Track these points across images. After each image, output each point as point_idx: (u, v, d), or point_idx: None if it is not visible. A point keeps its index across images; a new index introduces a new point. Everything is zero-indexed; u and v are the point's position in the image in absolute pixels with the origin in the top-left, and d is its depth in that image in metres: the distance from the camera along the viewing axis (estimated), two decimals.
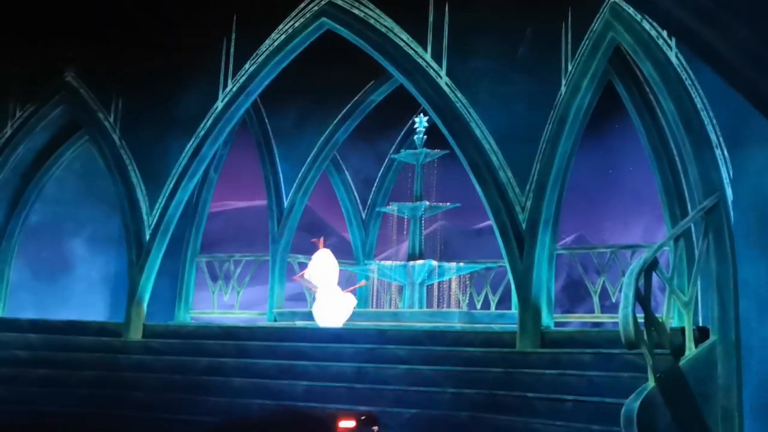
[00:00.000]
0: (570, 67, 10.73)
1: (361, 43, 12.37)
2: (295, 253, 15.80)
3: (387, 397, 10.69)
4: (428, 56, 11.85)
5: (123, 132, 13.74)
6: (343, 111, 15.24)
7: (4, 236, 14.78)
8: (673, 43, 8.95)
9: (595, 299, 12.46)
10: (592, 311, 12.69)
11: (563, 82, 10.77)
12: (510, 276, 11.02)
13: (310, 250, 18.09)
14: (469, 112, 11.43)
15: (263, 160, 15.52)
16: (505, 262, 11.09)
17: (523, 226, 10.90)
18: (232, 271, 15.59)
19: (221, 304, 15.65)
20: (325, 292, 12.86)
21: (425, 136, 15.17)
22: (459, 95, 11.55)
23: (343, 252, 17.57)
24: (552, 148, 10.74)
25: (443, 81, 11.68)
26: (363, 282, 14.20)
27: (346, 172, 16.58)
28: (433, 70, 11.78)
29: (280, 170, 15.40)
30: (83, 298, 15.54)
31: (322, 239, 13.52)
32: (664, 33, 8.96)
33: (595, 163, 17.00)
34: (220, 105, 13.24)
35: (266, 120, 15.49)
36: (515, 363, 10.44)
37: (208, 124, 13.24)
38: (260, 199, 16.35)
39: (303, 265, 15.76)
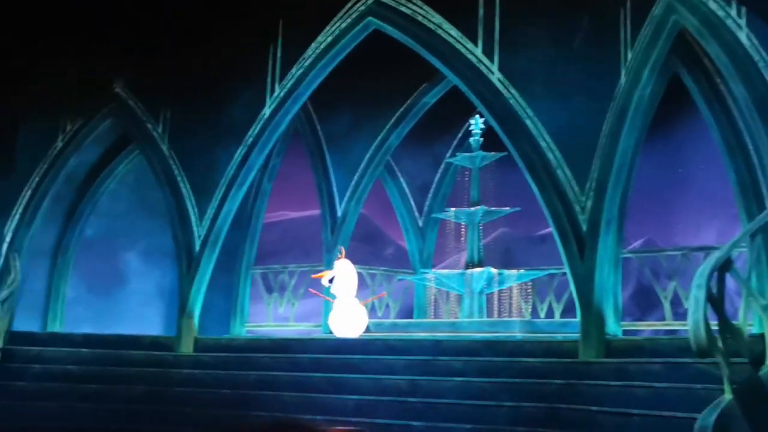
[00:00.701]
0: (630, 56, 10.01)
1: (409, 42, 11.88)
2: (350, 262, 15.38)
3: (441, 412, 10.10)
4: (479, 51, 11.28)
5: (172, 142, 13.54)
6: (396, 115, 14.81)
7: (60, 251, 14.74)
8: (743, 21, 8.19)
9: (666, 305, 11.71)
10: (663, 319, 11.93)
11: (622, 72, 10.07)
12: (570, 281, 10.31)
13: (368, 260, 17.70)
14: (523, 109, 10.80)
15: (316, 169, 15.19)
16: (565, 266, 10.38)
17: (584, 227, 10.21)
18: (287, 283, 15.28)
19: (277, 317, 15.35)
20: (342, 303, 12.60)
21: (482, 138, 14.57)
22: (512, 91, 10.93)
23: (401, 261, 17.10)
24: (612, 144, 10.04)
25: (495, 77, 11.09)
26: (383, 293, 13.60)
27: (401, 178, 16.10)
28: (485, 66, 11.20)
29: (333, 178, 15.04)
30: (139, 311, 15.36)
31: (342, 249, 13.08)
32: (733, 11, 8.21)
33: (663, 162, 16.07)
34: (267, 111, 12.91)
35: (318, 127, 15.19)
36: (577, 374, 9.73)
37: (256, 131, 12.93)
38: (315, 209, 15.97)
39: (357, 275, 15.36)
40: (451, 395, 10.28)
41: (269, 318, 15.36)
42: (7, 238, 13.39)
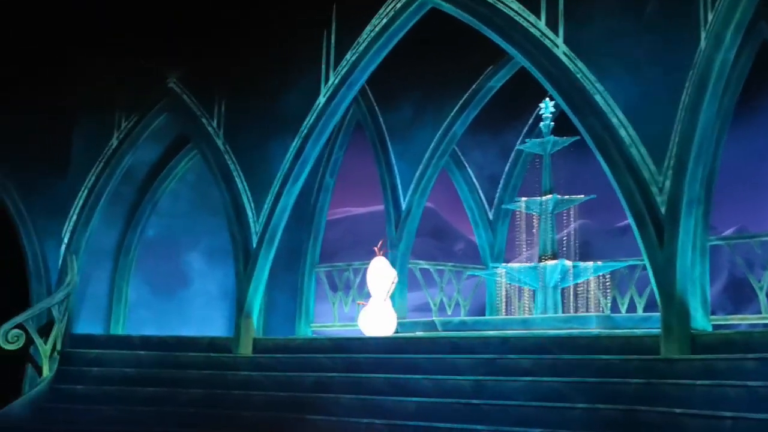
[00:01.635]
0: (710, 17, 8.98)
1: (467, 18, 11.07)
2: (416, 258, 14.69)
3: (507, 414, 9.25)
4: (542, 24, 10.40)
5: (227, 137, 13.09)
6: (461, 101, 14.06)
7: (121, 252, 14.51)
8: None
9: (762, 297, 10.69)
10: (759, 313, 10.84)
11: (702, 36, 9.03)
12: (649, 269, 9.33)
13: (437, 256, 16.94)
14: (592, 83, 9.87)
15: (378, 161, 14.57)
16: (643, 254, 9.41)
17: (662, 209, 9.21)
18: (351, 281, 14.71)
19: (342, 316, 14.81)
20: (375, 302, 12.20)
21: (553, 123, 13.66)
22: (579, 65, 10.01)
23: (472, 257, 16.28)
24: (692, 116, 9.02)
25: (560, 50, 10.19)
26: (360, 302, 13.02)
27: (468, 168, 15.33)
28: (549, 39, 10.31)
29: (396, 170, 14.39)
30: (202, 312, 15.05)
31: (380, 244, 12.70)
32: None
33: (757, 144, 14.79)
34: (322, 100, 12.32)
35: (380, 118, 14.58)
36: (659, 372, 8.76)
37: (310, 122, 12.34)
38: (381, 204, 15.33)
39: (424, 271, 14.66)
40: (518, 396, 9.43)
41: (335, 318, 14.84)
42: (65, 240, 13.15)
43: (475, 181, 15.29)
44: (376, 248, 12.62)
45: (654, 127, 9.45)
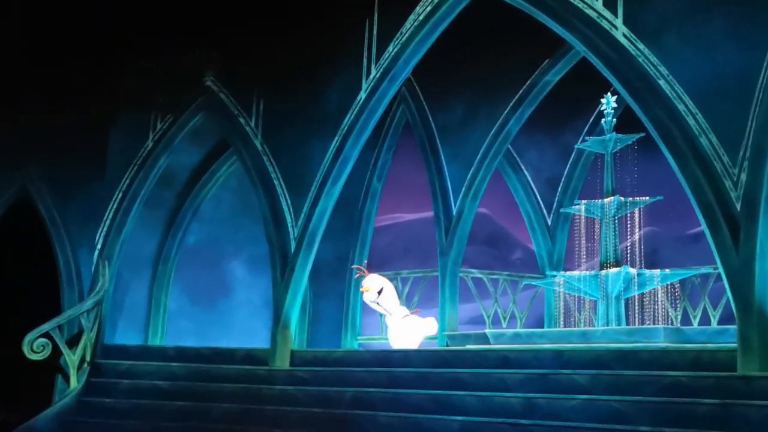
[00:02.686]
0: None
1: (518, 2, 10.15)
2: (470, 267, 13.72)
3: None
4: (599, 5, 9.41)
5: (265, 137, 12.40)
6: (516, 97, 13.06)
7: (161, 260, 13.98)
8: None
9: None
10: None
11: None
12: (723, 275, 8.21)
13: (493, 265, 15.91)
14: (655, 67, 8.83)
15: (428, 163, 13.70)
16: (716, 258, 8.29)
17: (737, 205, 8.10)
18: (400, 291, 13.85)
19: None
20: (394, 317, 12.08)
21: (615, 120, 12.54)
22: (641, 47, 8.98)
23: (531, 266, 15.23)
24: None
25: (620, 32, 9.18)
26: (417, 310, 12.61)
27: (524, 171, 14.33)
28: (606, 20, 9.31)
29: (446, 173, 13.50)
30: (245, 324, 14.40)
31: (365, 263, 12.74)
32: None
33: None
34: (363, 95, 11.53)
35: (430, 118, 13.72)
36: (736, 392, 7.65)
37: (351, 118, 11.57)
38: (431, 210, 14.43)
39: (477, 281, 13.68)
40: (573, 416, 8.41)
41: (382, 330, 13.99)
42: (98, 245, 12.62)
43: (532, 184, 14.29)
44: (362, 269, 12.26)
45: (727, 114, 8.37)
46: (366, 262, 12.17)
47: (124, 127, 12.96)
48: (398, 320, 12.01)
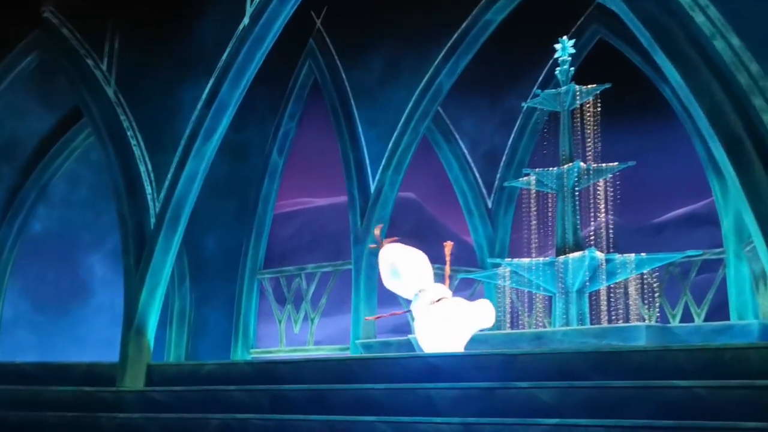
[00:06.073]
0: None
1: None
2: None
3: None
4: None
5: (119, 83, 9.47)
6: (448, 45, 10.46)
7: None
8: None
9: None
10: None
11: None
12: (753, 229, 5.51)
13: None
14: None
15: (340, 131, 11.20)
16: (742, 202, 5.59)
17: None
18: (304, 291, 11.06)
19: (292, 339, 11.19)
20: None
21: (572, 68, 9.91)
22: None
23: (467, 259, 12.45)
24: None
25: None
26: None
27: (459, 142, 11.86)
28: None
29: (363, 141, 10.93)
30: (105, 334, 11.43)
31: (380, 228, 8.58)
32: None
33: None
34: (246, 20, 8.65)
35: (343, 76, 11.05)
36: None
37: (230, 51, 8.71)
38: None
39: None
40: None
41: (281, 340, 11.21)
42: None
43: (468, 157, 11.77)
44: (376, 232, 8.54)
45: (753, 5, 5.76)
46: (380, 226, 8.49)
47: None
48: (431, 306, 7.79)
